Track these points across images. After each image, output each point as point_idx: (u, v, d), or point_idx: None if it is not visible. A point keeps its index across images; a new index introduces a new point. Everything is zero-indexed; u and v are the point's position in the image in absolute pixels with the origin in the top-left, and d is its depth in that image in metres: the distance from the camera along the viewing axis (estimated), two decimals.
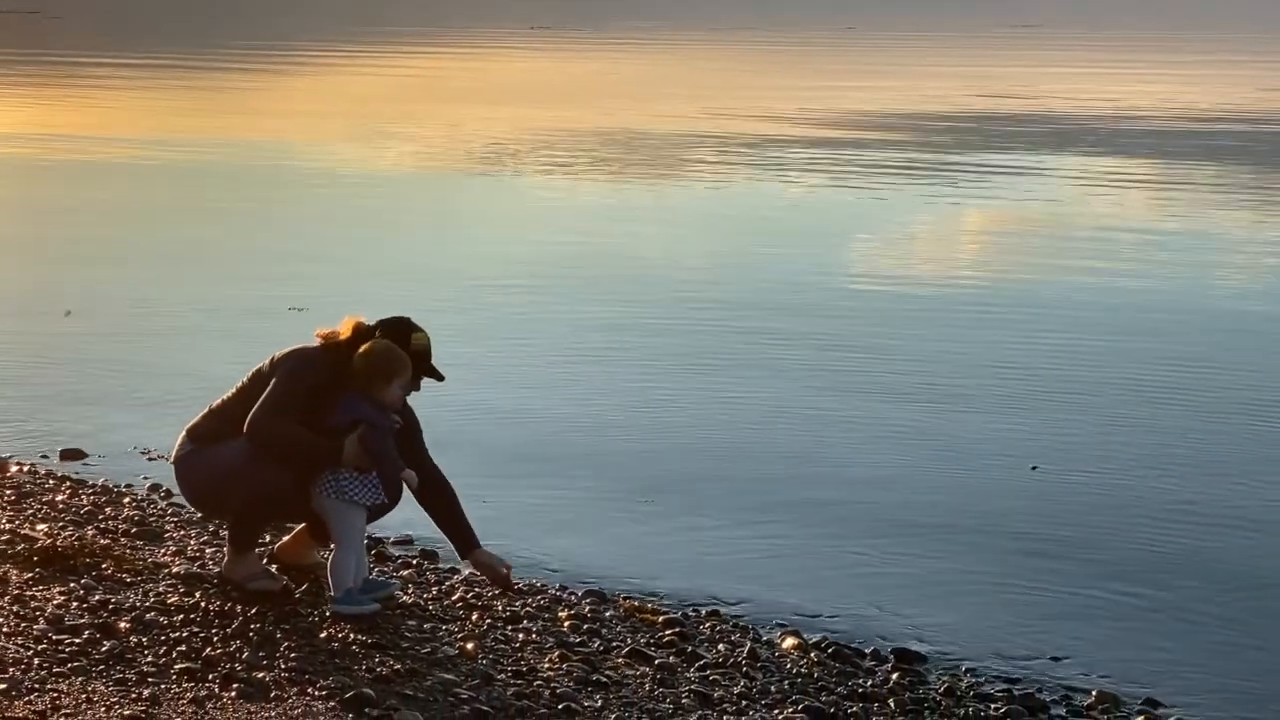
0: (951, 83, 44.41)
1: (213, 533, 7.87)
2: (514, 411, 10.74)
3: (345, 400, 6.75)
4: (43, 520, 7.93)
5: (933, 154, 27.28)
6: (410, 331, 6.93)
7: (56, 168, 24.94)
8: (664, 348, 12.63)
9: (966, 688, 6.62)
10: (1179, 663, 7.02)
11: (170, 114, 34.16)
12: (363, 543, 6.93)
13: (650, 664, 6.56)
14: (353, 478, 6.74)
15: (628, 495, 9.04)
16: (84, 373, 11.62)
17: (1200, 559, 8.21)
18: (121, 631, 6.31)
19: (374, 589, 6.88)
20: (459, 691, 6.00)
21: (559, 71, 52.19)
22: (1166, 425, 10.58)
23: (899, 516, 8.76)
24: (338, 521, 6.78)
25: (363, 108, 35.56)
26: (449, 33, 77.54)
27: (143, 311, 13.74)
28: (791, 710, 6.22)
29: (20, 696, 5.58)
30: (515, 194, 22.55)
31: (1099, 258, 17.10)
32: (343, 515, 6.77)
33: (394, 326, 6.95)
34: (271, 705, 5.71)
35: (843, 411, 10.88)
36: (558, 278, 15.68)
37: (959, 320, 13.85)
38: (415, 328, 6.96)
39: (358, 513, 6.79)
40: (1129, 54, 61.69)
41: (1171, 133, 31.39)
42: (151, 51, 56.88)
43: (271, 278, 15.24)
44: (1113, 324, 13.67)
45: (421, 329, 6.96)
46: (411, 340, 6.90)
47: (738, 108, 35.86)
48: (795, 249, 17.87)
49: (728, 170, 24.90)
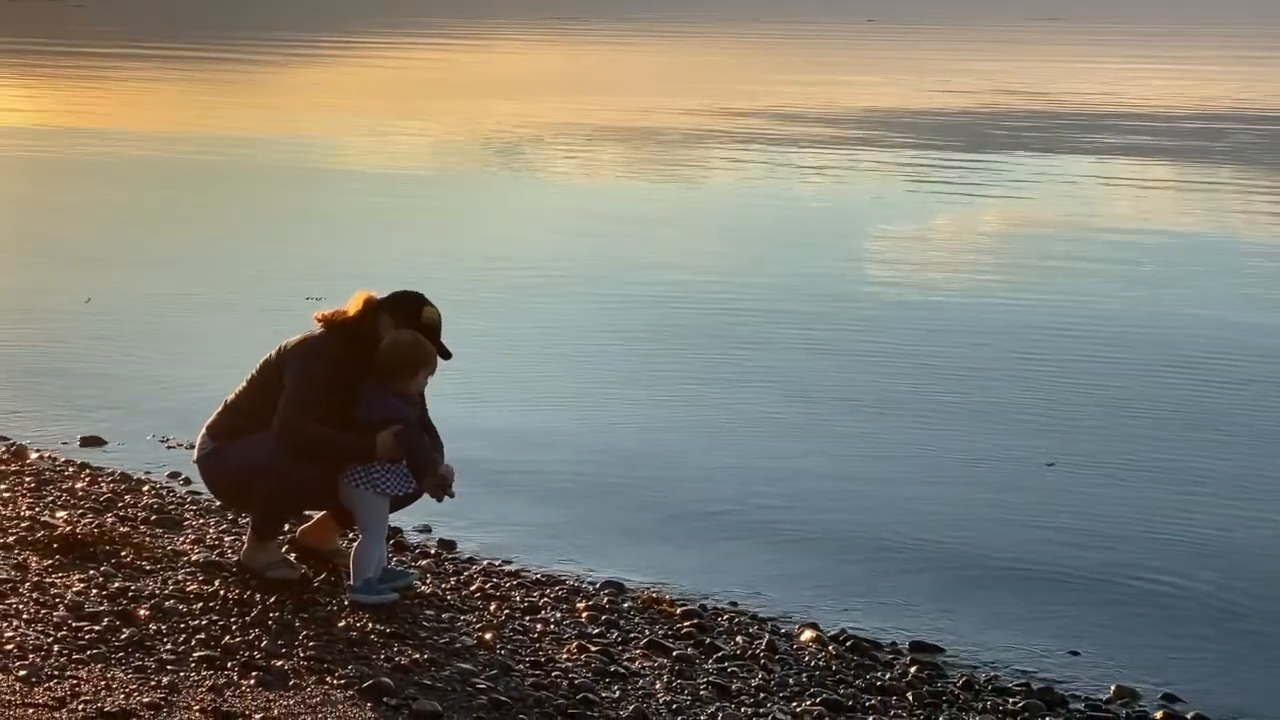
0: (973, 78, 44.30)
1: (232, 521, 7.88)
2: (529, 410, 10.74)
3: (370, 394, 6.73)
4: (62, 507, 7.95)
5: (950, 152, 27.20)
6: (421, 306, 6.89)
7: (76, 161, 24.96)
8: (682, 347, 12.58)
9: (985, 681, 6.62)
10: (1198, 657, 7.00)
11: (191, 107, 34.18)
12: (385, 533, 6.93)
13: (668, 655, 6.56)
14: (384, 469, 6.73)
15: (645, 494, 9.01)
16: (104, 360, 11.64)
17: (1220, 554, 8.18)
18: (141, 619, 6.32)
19: (392, 579, 6.88)
20: (477, 681, 6.00)
21: (572, 63, 52.11)
22: (1185, 421, 10.54)
23: (916, 511, 8.74)
24: (365, 511, 6.77)
25: (377, 102, 35.54)
26: (463, 23, 77.50)
27: (162, 300, 13.76)
28: (809, 703, 6.21)
29: (40, 683, 5.59)
30: (527, 190, 22.52)
31: (1120, 261, 17.05)
32: (370, 505, 6.76)
33: (404, 301, 6.91)
34: (290, 693, 5.72)
35: (858, 412, 10.86)
36: (577, 277, 15.67)
37: (979, 323, 13.81)
38: (426, 302, 6.91)
39: (384, 502, 6.79)
40: (1151, 48, 61.46)
41: (1202, 130, 31.27)
42: (172, 42, 56.95)
43: (289, 267, 15.25)
44: (1127, 324, 13.59)
45: (432, 304, 6.92)
46: (422, 315, 6.86)
47: (746, 103, 35.77)
48: (809, 249, 17.82)
49: (738, 168, 24.80)
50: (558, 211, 20.12)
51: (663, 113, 32.82)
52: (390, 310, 6.87)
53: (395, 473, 6.76)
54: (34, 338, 12.34)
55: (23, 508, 7.85)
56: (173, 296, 13.91)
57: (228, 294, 14.07)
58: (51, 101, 34.22)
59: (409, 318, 6.84)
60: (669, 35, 70.32)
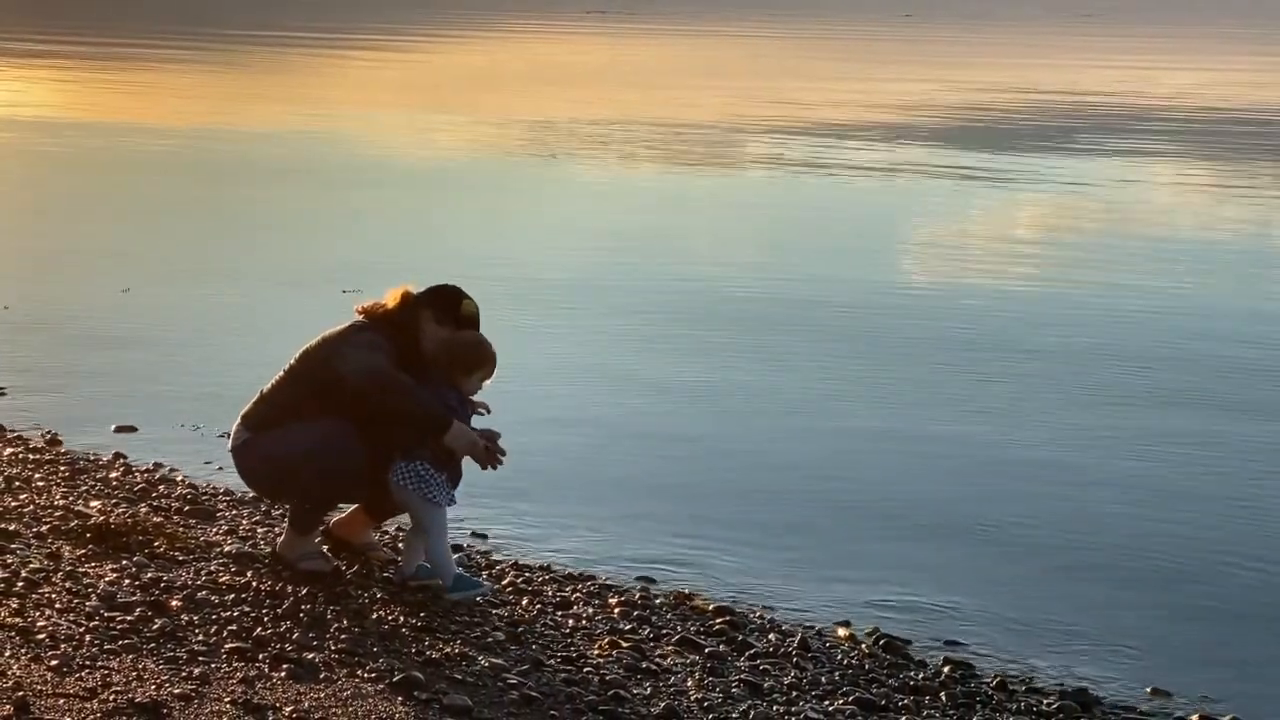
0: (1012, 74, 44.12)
1: (265, 512, 7.88)
2: (565, 401, 10.73)
3: (436, 386, 6.69)
4: (96, 497, 7.96)
5: (982, 152, 27.11)
6: (460, 299, 6.87)
7: (115, 154, 25.04)
8: (710, 342, 12.56)
9: (1019, 681, 6.57)
10: (1232, 658, 6.95)
11: (224, 99, 34.25)
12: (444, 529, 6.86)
13: (700, 652, 6.53)
14: (431, 475, 6.67)
15: (680, 488, 8.98)
16: (139, 350, 11.67)
17: (1257, 556, 8.12)
18: (173, 609, 6.32)
19: (427, 575, 6.85)
20: (508, 676, 5.98)
21: (612, 57, 52.10)
22: (1220, 418, 10.46)
23: (952, 512, 8.69)
24: (424, 514, 6.74)
25: (412, 96, 35.57)
26: (503, 17, 77.56)
27: (198, 290, 13.79)
28: (842, 701, 6.17)
29: (71, 673, 5.59)
30: (566, 183, 22.51)
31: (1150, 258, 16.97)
32: (428, 510, 6.72)
33: (443, 295, 6.89)
34: (321, 686, 5.70)
35: (895, 405, 10.82)
36: (609, 269, 15.65)
37: (1006, 319, 13.75)
38: (464, 295, 6.89)
39: (439, 509, 6.74)
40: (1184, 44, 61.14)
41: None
42: (199, 32, 57.11)
43: (326, 261, 15.26)
44: (1158, 323, 13.52)
45: (470, 297, 6.90)
46: (461, 308, 6.84)
47: (783, 99, 35.70)
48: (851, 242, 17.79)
49: (773, 164, 24.78)
50: (596, 205, 20.11)
51: (701, 107, 32.78)
52: (429, 305, 6.85)
53: (442, 483, 6.70)
54: (69, 326, 12.36)
55: (56, 497, 7.86)
56: (208, 288, 13.92)
57: (264, 286, 14.08)
58: (91, 93, 34.31)
59: (449, 311, 6.82)
60: (702, 31, 70.25)
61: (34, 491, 7.94)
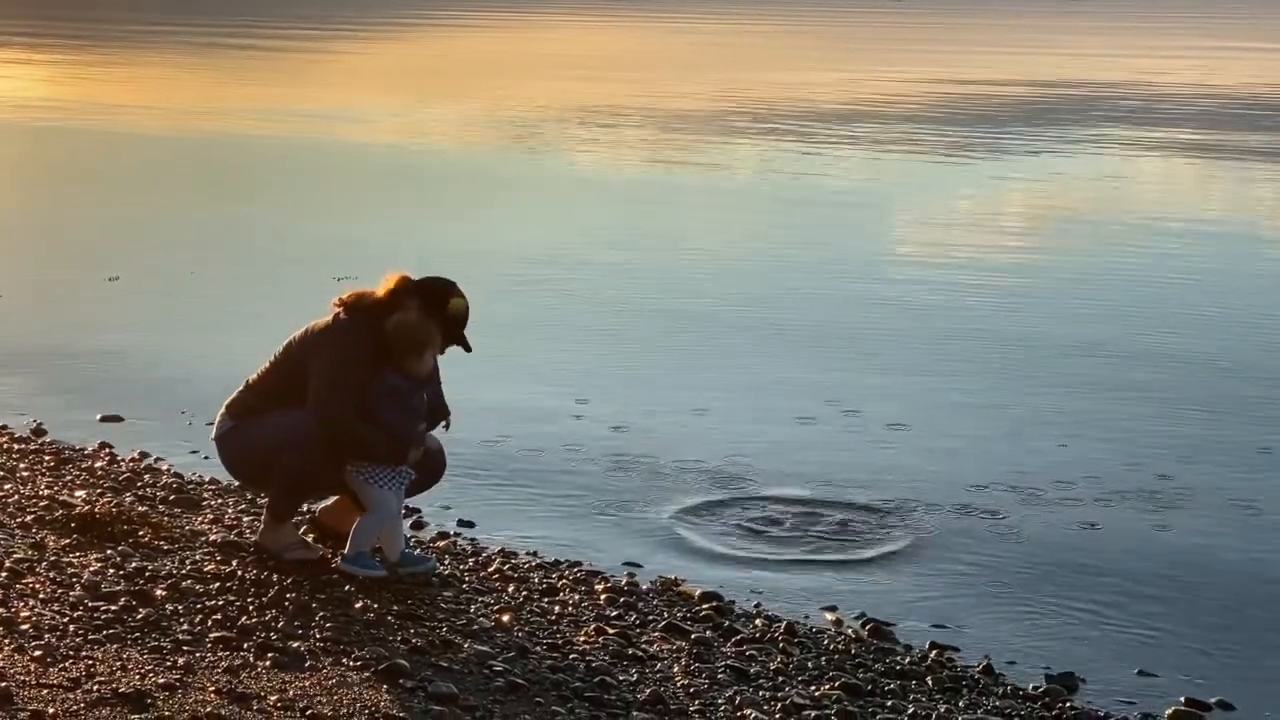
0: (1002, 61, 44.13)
1: (250, 501, 7.86)
2: (552, 391, 10.72)
3: (383, 377, 6.71)
4: (81, 486, 7.94)
5: (985, 134, 27.12)
6: (449, 296, 6.85)
7: (103, 137, 24.99)
8: (716, 330, 12.56)
9: (1005, 665, 6.56)
10: (1220, 643, 6.92)
11: (232, 85, 34.19)
12: (399, 516, 6.89)
13: (686, 638, 6.52)
14: (387, 471, 6.74)
15: (666, 477, 8.98)
16: (126, 339, 11.65)
17: (1244, 543, 8.12)
18: (158, 599, 6.30)
19: (411, 564, 6.84)
20: (494, 663, 5.97)
21: (606, 45, 52.05)
22: (1233, 421, 10.35)
23: (941, 494, 8.68)
24: (372, 498, 6.77)
25: (413, 81, 35.53)
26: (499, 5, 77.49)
27: (187, 279, 13.77)
28: (828, 686, 6.16)
29: (55, 664, 5.57)
30: (556, 172, 22.50)
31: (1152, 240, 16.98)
32: (377, 495, 6.76)
33: (434, 288, 6.87)
34: (306, 675, 5.69)
35: (890, 396, 10.82)
36: (603, 257, 15.64)
37: (1011, 307, 13.77)
38: (455, 292, 6.86)
39: (390, 495, 6.77)
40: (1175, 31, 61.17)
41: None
42: (207, 20, 56.99)
43: (318, 248, 15.24)
44: (1164, 318, 13.47)
45: (462, 295, 6.87)
46: (449, 305, 6.82)
47: (768, 86, 35.67)
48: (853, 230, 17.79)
49: (761, 151, 24.77)
50: (593, 192, 20.09)
51: (694, 97, 32.75)
52: (417, 294, 6.82)
53: (395, 472, 6.76)
54: (56, 315, 12.34)
55: (41, 486, 7.85)
56: (198, 276, 13.90)
57: (254, 273, 14.06)
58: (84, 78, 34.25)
59: (436, 307, 6.79)
60: (693, 17, 70.20)
61: (19, 481, 7.92)
